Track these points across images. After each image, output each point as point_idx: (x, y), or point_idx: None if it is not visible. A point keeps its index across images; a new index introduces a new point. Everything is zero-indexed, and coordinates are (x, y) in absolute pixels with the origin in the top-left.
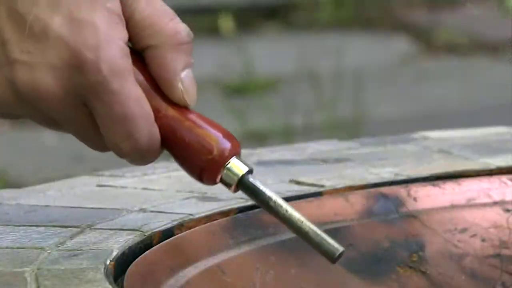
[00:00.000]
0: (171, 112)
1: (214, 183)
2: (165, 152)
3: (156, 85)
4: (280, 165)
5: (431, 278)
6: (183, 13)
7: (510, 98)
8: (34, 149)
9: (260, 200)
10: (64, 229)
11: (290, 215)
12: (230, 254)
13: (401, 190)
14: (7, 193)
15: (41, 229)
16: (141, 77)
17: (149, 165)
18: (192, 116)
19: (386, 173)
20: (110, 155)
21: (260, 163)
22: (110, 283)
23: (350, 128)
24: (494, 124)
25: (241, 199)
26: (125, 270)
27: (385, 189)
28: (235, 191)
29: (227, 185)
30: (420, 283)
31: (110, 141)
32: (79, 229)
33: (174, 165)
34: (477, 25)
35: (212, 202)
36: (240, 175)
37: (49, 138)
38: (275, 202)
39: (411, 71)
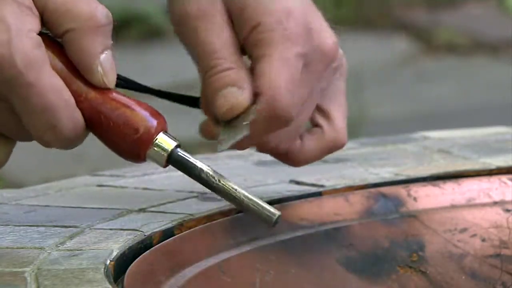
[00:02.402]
0: (93, 95)
1: (144, 160)
2: None
3: (76, 69)
4: (280, 165)
5: (431, 278)
6: None
7: (510, 98)
8: (34, 149)
9: (192, 173)
10: (64, 229)
11: (224, 185)
12: (230, 254)
13: (401, 190)
14: (7, 193)
15: (41, 229)
16: (59, 64)
17: (149, 165)
18: (115, 97)
19: (386, 173)
20: (110, 155)
21: (260, 163)
22: (110, 283)
23: (350, 128)
24: (494, 124)
25: None
26: (125, 270)
27: (385, 189)
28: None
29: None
30: (420, 283)
31: (33, 133)
32: (79, 229)
33: None
34: (477, 25)
35: (212, 202)
36: (169, 150)
37: None
38: (207, 174)
39: (411, 71)
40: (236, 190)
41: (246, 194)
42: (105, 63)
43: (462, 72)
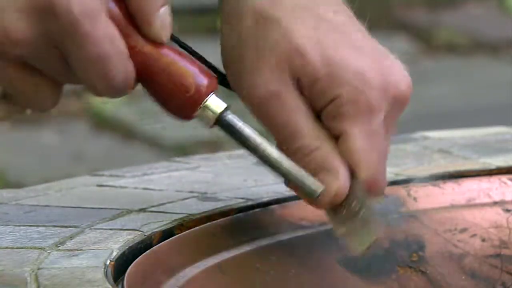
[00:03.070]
0: (148, 48)
1: (190, 119)
2: (166, 151)
3: (133, 21)
4: None
5: (431, 278)
6: (183, 13)
7: (510, 98)
8: (34, 149)
9: (238, 138)
10: (64, 229)
11: (269, 155)
12: (230, 254)
13: (401, 190)
14: (7, 193)
15: (41, 229)
16: (117, 13)
17: (149, 165)
18: (169, 53)
19: None
20: (110, 155)
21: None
22: (110, 283)
23: None
24: (494, 124)
25: (241, 199)
26: (125, 270)
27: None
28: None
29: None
30: (420, 283)
31: (86, 82)
32: (79, 229)
33: (174, 165)
34: (477, 25)
35: (212, 202)
36: (218, 112)
37: (49, 137)
38: (254, 140)
39: (411, 71)
40: (282, 161)
41: (292, 166)
42: (164, 16)
43: (462, 72)
